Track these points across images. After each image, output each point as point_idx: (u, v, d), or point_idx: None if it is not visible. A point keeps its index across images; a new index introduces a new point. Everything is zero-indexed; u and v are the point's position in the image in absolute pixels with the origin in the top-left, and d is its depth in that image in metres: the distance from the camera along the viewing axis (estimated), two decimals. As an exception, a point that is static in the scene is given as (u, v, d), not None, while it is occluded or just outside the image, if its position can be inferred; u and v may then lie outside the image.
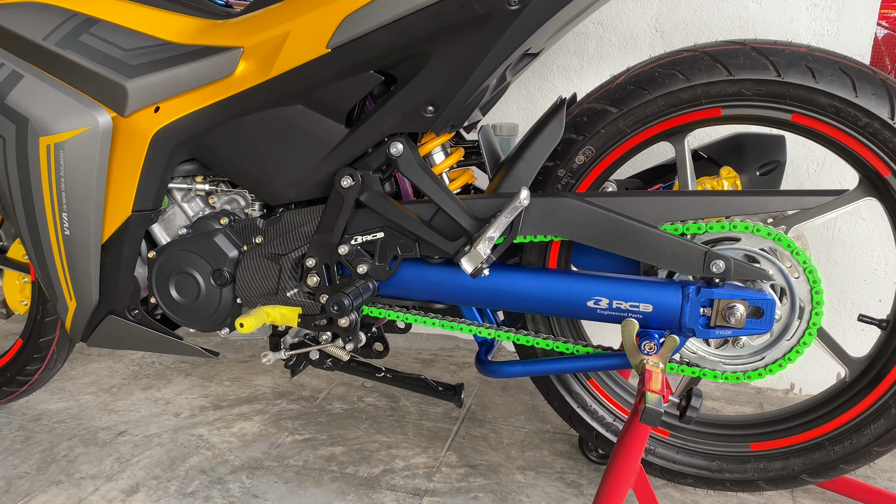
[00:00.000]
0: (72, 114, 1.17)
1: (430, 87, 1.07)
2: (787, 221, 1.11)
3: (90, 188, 1.19)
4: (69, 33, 1.20)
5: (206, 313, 1.25)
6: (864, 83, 1.04)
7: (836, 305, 1.73)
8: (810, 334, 1.08)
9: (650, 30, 1.73)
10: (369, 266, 1.16)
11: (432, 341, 2.11)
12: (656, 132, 1.16)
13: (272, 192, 1.19)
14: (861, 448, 1.17)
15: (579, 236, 1.10)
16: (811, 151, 1.66)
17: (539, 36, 1.05)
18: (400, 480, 1.41)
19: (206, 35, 1.17)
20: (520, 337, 1.20)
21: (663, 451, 1.29)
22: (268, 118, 1.14)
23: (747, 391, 1.84)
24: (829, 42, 1.61)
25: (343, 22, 1.05)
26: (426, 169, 1.13)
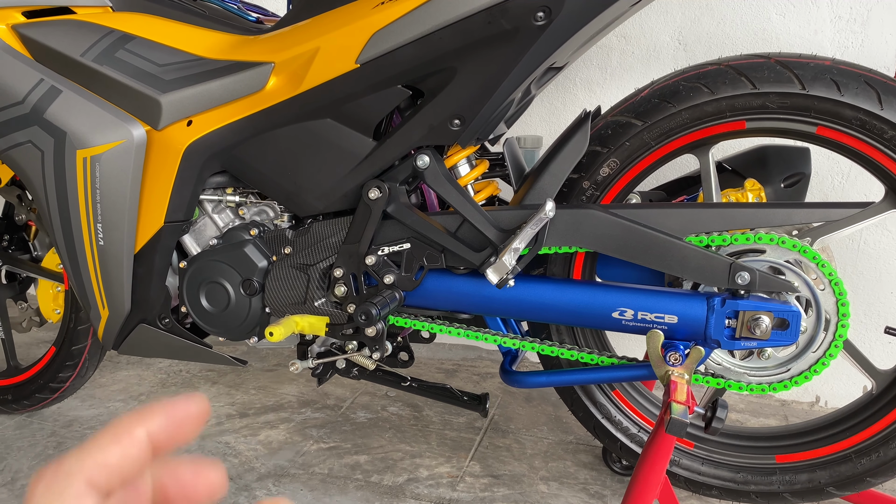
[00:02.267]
0: (108, 127, 1.20)
1: (456, 101, 1.08)
2: (812, 233, 1.11)
3: (124, 199, 1.22)
4: (106, 49, 1.23)
5: (235, 322, 1.27)
6: (889, 96, 1.05)
7: (863, 317, 1.72)
8: (836, 346, 1.08)
9: (673, 42, 1.73)
10: (396, 276, 1.18)
11: (455, 351, 2.12)
12: (680, 145, 1.17)
13: (301, 203, 1.22)
14: (888, 461, 1.16)
15: (604, 247, 1.11)
16: (836, 163, 1.66)
17: (564, 50, 1.07)
18: (424, 489, 1.42)
19: (238, 51, 1.20)
20: (544, 347, 1.21)
21: (688, 463, 1.29)
22: (297, 132, 1.16)
23: (772, 403, 1.83)
24: (854, 54, 1.61)
25: (372, 38, 1.07)
26: (452, 181, 1.14)
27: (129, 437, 0.29)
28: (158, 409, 0.31)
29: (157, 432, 0.30)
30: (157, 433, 0.30)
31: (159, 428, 0.30)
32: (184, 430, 0.31)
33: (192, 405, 0.31)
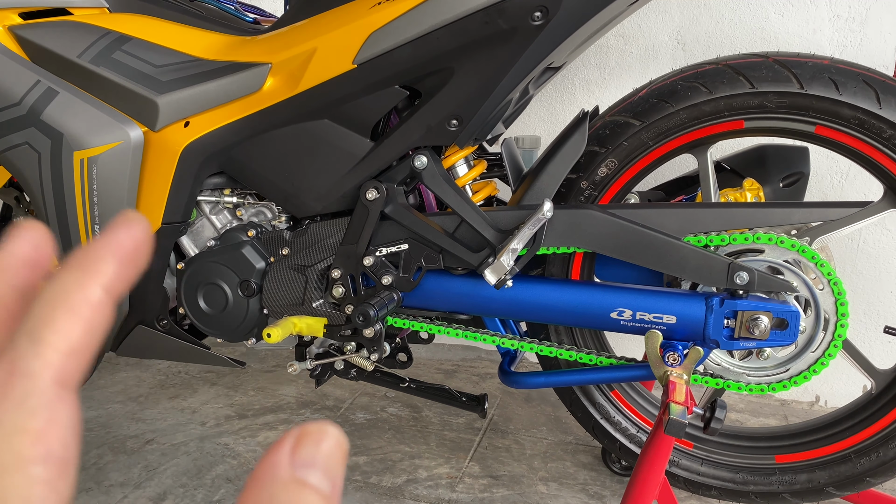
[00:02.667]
0: (104, 129, 1.20)
1: (454, 101, 1.08)
2: (811, 233, 1.11)
3: (122, 201, 1.22)
4: (102, 51, 1.23)
5: (233, 323, 1.27)
6: (888, 95, 1.04)
7: (862, 317, 1.72)
8: (835, 346, 1.08)
9: (672, 42, 1.73)
10: (394, 277, 1.18)
11: (454, 352, 2.11)
12: (679, 144, 1.17)
13: (299, 204, 1.21)
14: (888, 461, 1.16)
15: (602, 248, 1.11)
16: (835, 162, 1.65)
17: (562, 50, 1.07)
18: (423, 490, 1.41)
19: (235, 51, 1.20)
20: (543, 348, 1.20)
21: (687, 463, 1.29)
22: (295, 132, 1.16)
23: (772, 403, 1.83)
24: (853, 53, 1.60)
25: (369, 38, 1.07)
26: (450, 181, 1.14)
27: (89, 305, 0.21)
28: (104, 251, 0.22)
29: (112, 283, 0.22)
30: (113, 284, 0.22)
31: (113, 277, 0.22)
32: (135, 265, 0.23)
33: (134, 232, 0.23)
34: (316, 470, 0.19)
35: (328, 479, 0.19)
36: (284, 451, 0.19)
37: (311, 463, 0.19)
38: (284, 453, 0.19)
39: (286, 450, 0.19)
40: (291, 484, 0.19)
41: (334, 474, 0.20)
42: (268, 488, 0.19)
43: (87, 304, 0.21)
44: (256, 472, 0.19)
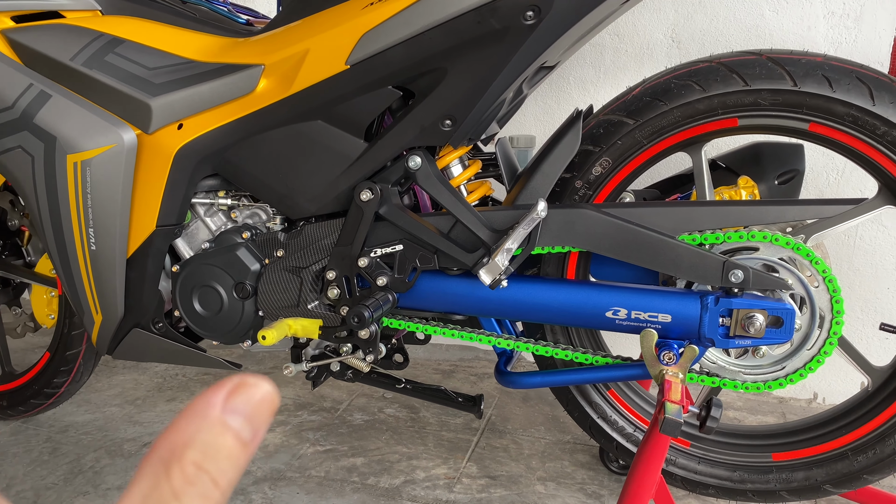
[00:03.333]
0: (98, 132, 1.19)
1: (447, 101, 1.08)
2: (806, 230, 1.11)
3: (116, 204, 1.22)
4: (95, 53, 1.23)
5: (228, 326, 1.27)
6: (881, 92, 1.04)
7: (859, 314, 1.71)
8: (831, 343, 1.08)
9: (666, 40, 1.73)
10: (389, 278, 1.17)
11: (451, 352, 2.11)
12: (673, 143, 1.16)
13: (293, 205, 1.21)
14: (885, 458, 1.16)
15: (597, 247, 1.11)
16: (830, 160, 1.65)
17: (555, 49, 1.06)
18: (421, 491, 1.41)
19: (228, 53, 1.20)
20: (539, 348, 1.20)
21: (684, 462, 1.29)
22: (288, 134, 1.16)
23: (769, 401, 1.82)
24: (847, 50, 1.60)
25: (361, 39, 1.07)
26: (444, 182, 1.14)
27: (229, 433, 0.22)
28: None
29: None
30: None
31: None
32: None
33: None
34: (242, 418, 0.21)
35: (251, 427, 0.21)
36: (219, 395, 0.21)
37: (240, 411, 0.21)
38: (219, 397, 0.21)
39: (221, 395, 0.21)
40: (218, 425, 0.21)
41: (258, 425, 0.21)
42: (196, 423, 0.21)
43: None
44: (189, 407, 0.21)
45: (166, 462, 0.20)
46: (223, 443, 0.21)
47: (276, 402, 0.22)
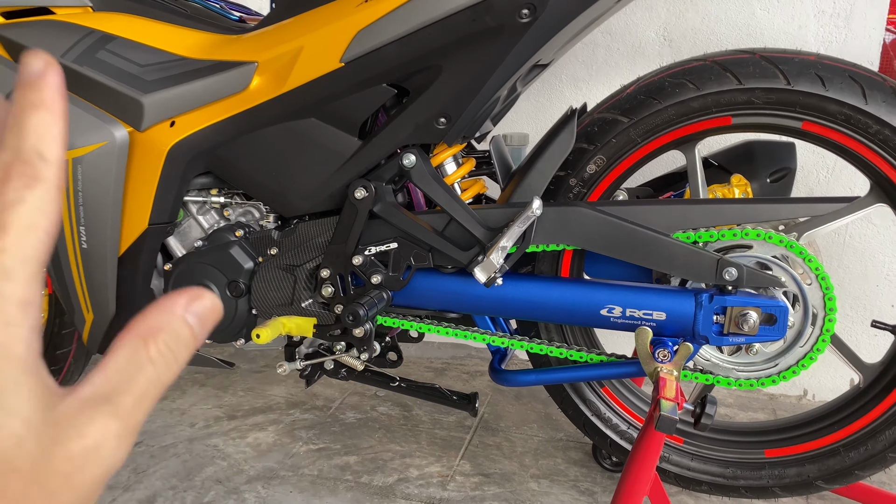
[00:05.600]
0: (89, 129, 1.18)
1: (442, 99, 1.08)
2: (798, 228, 1.11)
3: (107, 202, 1.21)
4: (86, 50, 1.21)
5: (221, 324, 1.26)
6: (873, 90, 1.05)
7: (849, 311, 1.73)
8: (823, 340, 1.08)
9: (658, 39, 1.73)
10: (383, 276, 1.17)
11: (444, 350, 2.11)
12: (667, 141, 1.17)
13: (287, 204, 1.21)
14: (876, 454, 1.17)
15: (591, 245, 1.11)
16: (822, 158, 1.66)
17: (549, 47, 1.06)
18: (414, 489, 1.41)
19: (221, 50, 1.19)
20: (533, 345, 1.20)
21: (678, 459, 1.29)
22: (282, 131, 1.16)
23: (761, 398, 1.84)
24: (838, 49, 1.61)
25: (356, 36, 1.06)
26: (438, 179, 1.14)
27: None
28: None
29: None
30: None
31: None
32: None
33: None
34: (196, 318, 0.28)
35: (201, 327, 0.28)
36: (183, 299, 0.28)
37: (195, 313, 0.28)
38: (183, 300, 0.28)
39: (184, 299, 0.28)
40: (181, 319, 0.27)
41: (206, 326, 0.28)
42: (164, 316, 0.27)
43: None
44: (159, 303, 0.27)
45: (144, 338, 0.26)
46: (183, 333, 0.27)
47: (220, 312, 0.29)
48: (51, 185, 0.25)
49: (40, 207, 0.24)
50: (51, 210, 0.25)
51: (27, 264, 0.24)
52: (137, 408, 0.26)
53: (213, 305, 0.28)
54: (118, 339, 0.26)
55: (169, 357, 0.27)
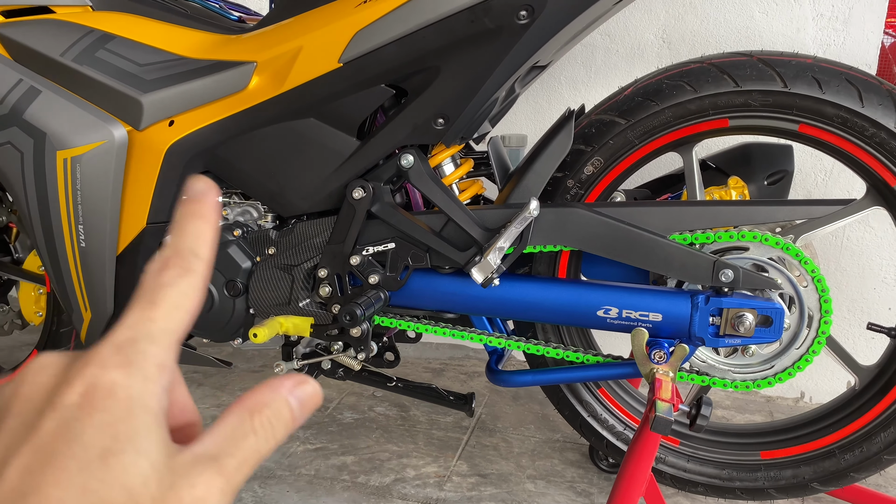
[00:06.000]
0: (88, 128, 1.18)
1: (440, 100, 1.08)
2: (795, 231, 1.12)
3: (106, 201, 1.21)
4: (86, 49, 1.22)
5: (219, 323, 1.26)
6: (870, 94, 1.05)
7: (846, 314, 1.73)
8: (819, 343, 1.09)
9: (657, 41, 1.74)
10: (381, 276, 1.17)
11: (442, 351, 2.11)
12: (664, 143, 1.17)
13: (285, 203, 1.21)
14: (872, 456, 1.17)
15: (589, 246, 1.11)
16: (819, 161, 1.67)
17: (547, 49, 1.07)
18: (411, 489, 1.41)
19: (220, 50, 1.19)
20: (530, 346, 1.20)
21: (673, 460, 1.30)
22: (280, 131, 1.16)
23: (757, 400, 1.84)
24: (836, 52, 1.62)
25: (355, 37, 1.07)
26: (436, 180, 1.14)
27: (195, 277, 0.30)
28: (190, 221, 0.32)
29: None
30: None
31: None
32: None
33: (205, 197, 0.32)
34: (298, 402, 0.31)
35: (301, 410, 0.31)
36: (289, 382, 0.31)
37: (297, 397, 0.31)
38: (289, 382, 0.31)
39: (290, 382, 0.31)
40: (283, 399, 0.30)
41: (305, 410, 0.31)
42: (270, 394, 0.30)
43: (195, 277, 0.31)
44: (268, 383, 0.30)
45: (251, 411, 0.29)
46: (284, 412, 0.30)
47: (320, 400, 0.32)
48: (198, 277, 0.30)
49: (187, 292, 0.30)
50: (195, 296, 0.30)
51: (169, 335, 0.29)
52: (239, 470, 0.28)
53: (315, 392, 0.31)
54: (229, 408, 0.30)
55: (270, 431, 0.29)
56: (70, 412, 0.26)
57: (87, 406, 0.26)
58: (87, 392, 0.26)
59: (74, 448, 0.25)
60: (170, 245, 0.31)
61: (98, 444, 0.25)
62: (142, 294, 0.29)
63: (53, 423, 0.26)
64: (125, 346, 0.28)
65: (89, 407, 0.26)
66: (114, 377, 0.27)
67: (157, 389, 0.27)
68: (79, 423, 0.25)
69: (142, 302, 0.29)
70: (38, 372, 0.28)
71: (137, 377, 0.27)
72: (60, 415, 0.26)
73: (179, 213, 0.31)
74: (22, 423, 0.27)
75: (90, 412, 0.26)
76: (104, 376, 0.27)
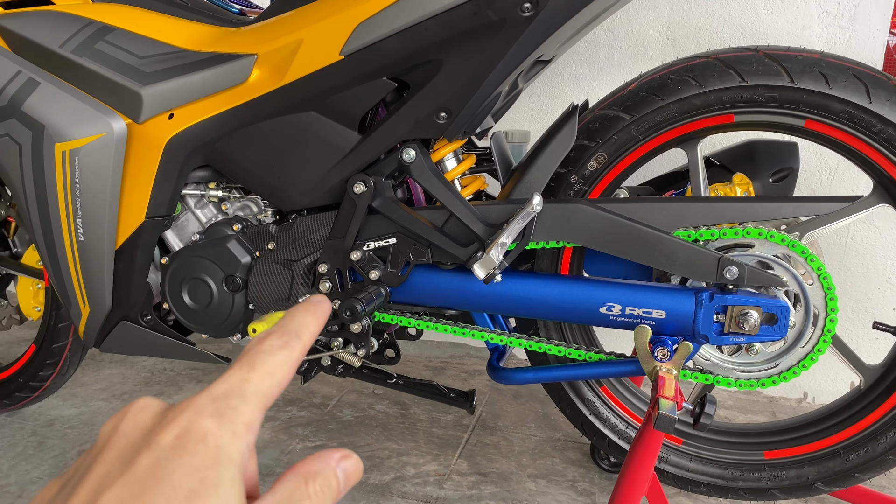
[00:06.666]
0: (87, 120, 1.18)
1: (442, 93, 1.07)
2: (800, 228, 1.10)
3: (105, 194, 1.20)
4: (85, 41, 1.21)
5: (218, 319, 1.25)
6: (878, 89, 1.04)
7: (850, 313, 1.72)
8: (825, 341, 1.07)
9: (661, 37, 1.73)
10: (381, 272, 1.16)
11: (443, 349, 2.10)
12: (669, 138, 1.16)
13: (285, 198, 1.20)
14: (876, 457, 1.16)
15: (591, 242, 1.10)
16: (824, 158, 1.65)
17: (551, 43, 1.05)
18: (411, 488, 1.40)
19: (220, 42, 1.18)
20: (532, 343, 1.19)
21: (676, 459, 1.28)
22: (281, 125, 1.15)
23: (760, 400, 1.83)
24: (841, 49, 1.60)
25: (356, 29, 1.05)
26: (438, 175, 1.13)
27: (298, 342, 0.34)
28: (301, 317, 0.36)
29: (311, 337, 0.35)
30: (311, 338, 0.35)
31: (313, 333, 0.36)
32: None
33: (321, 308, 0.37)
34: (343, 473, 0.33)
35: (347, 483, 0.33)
36: (337, 454, 0.33)
37: (343, 469, 0.33)
38: (337, 455, 0.33)
39: (338, 455, 0.33)
40: (332, 470, 0.33)
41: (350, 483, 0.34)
42: (321, 464, 0.32)
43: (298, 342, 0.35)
44: (318, 454, 0.33)
45: (305, 479, 0.32)
46: (332, 482, 0.32)
47: (361, 474, 0.34)
48: (295, 354, 0.33)
49: (282, 364, 0.33)
50: (289, 370, 0.33)
51: (260, 397, 0.31)
52: None
53: (358, 467, 0.34)
54: (285, 474, 0.32)
55: (321, 498, 0.32)
56: (164, 452, 0.28)
57: (179, 448, 0.28)
58: (181, 435, 0.29)
59: (164, 486, 0.27)
60: (278, 324, 0.35)
61: (186, 485, 0.27)
62: (243, 356, 0.33)
63: (148, 460, 0.28)
64: (220, 400, 0.30)
65: (181, 449, 0.28)
66: (207, 425, 0.29)
67: (242, 446, 0.29)
68: (170, 464, 0.28)
69: (241, 363, 0.32)
70: (139, 412, 0.31)
71: (227, 429, 0.29)
72: (154, 453, 0.28)
73: (294, 306, 0.36)
74: (118, 456, 0.29)
75: (182, 454, 0.28)
76: (198, 423, 0.29)
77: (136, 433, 0.30)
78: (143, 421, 0.31)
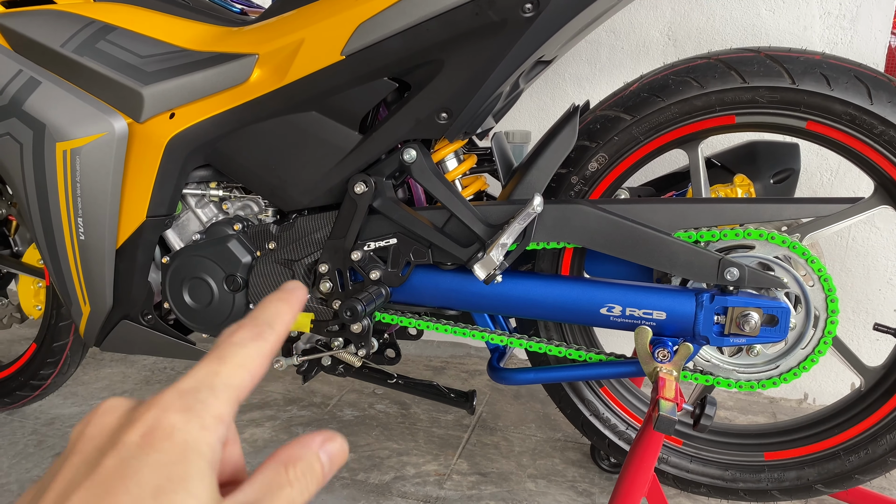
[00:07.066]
0: (88, 120, 1.18)
1: (443, 93, 1.07)
2: (801, 229, 1.10)
3: (105, 193, 1.20)
4: (86, 40, 1.21)
5: (219, 318, 1.25)
6: (879, 91, 1.04)
7: (851, 315, 1.72)
8: (825, 343, 1.07)
9: (663, 38, 1.73)
10: (382, 272, 1.16)
11: (443, 349, 2.10)
12: (670, 139, 1.16)
13: (285, 197, 1.20)
14: (876, 458, 1.16)
15: (592, 243, 1.10)
16: (825, 160, 1.65)
17: (552, 43, 1.05)
18: (411, 488, 1.40)
19: (222, 42, 1.18)
20: (532, 344, 1.19)
21: (676, 460, 1.28)
22: (282, 124, 1.15)
23: (760, 401, 1.83)
24: (843, 50, 1.60)
25: (357, 29, 1.05)
26: (439, 175, 1.13)
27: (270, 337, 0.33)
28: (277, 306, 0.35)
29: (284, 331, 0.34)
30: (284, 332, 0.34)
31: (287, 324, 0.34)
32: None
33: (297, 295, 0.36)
34: (327, 457, 0.33)
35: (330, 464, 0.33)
36: (319, 438, 0.33)
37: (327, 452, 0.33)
38: (319, 438, 0.33)
39: (320, 438, 0.33)
40: (314, 454, 0.32)
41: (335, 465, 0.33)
42: (302, 449, 0.32)
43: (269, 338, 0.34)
44: (301, 438, 0.33)
45: (285, 464, 0.31)
46: (315, 466, 0.32)
47: (346, 456, 0.34)
48: (268, 346, 0.33)
49: (254, 356, 0.32)
50: (262, 362, 0.32)
51: (230, 390, 0.31)
52: None
53: (342, 449, 0.34)
54: (265, 462, 0.31)
55: (303, 483, 0.31)
56: (129, 451, 0.28)
57: (145, 446, 0.28)
58: (147, 433, 0.28)
59: (129, 485, 0.27)
60: (249, 314, 0.34)
61: (153, 482, 0.27)
62: (213, 350, 0.32)
63: (113, 460, 0.28)
64: (187, 394, 0.30)
65: (148, 447, 0.28)
66: (173, 420, 0.28)
67: (211, 439, 0.29)
68: (136, 462, 0.27)
69: (211, 356, 0.32)
70: (105, 413, 0.31)
71: (195, 424, 0.29)
72: (120, 453, 0.28)
73: (267, 296, 0.35)
74: (84, 460, 0.29)
75: (148, 451, 0.28)
76: (165, 419, 0.28)
77: (102, 435, 0.30)
78: (110, 422, 0.30)
